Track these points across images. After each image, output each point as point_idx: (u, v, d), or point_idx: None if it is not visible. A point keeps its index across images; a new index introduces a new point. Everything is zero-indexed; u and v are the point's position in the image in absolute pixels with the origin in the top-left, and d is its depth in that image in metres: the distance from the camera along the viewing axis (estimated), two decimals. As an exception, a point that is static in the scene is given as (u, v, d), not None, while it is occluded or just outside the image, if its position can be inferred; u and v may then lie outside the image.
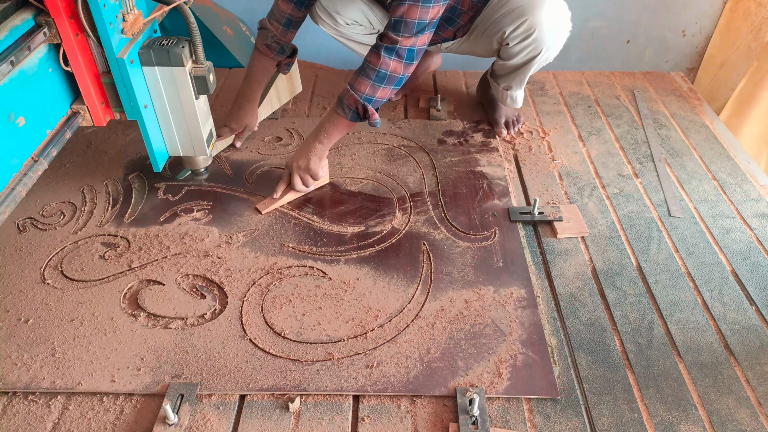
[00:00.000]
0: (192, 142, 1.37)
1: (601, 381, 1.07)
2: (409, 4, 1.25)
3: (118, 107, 1.23)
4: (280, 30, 1.54)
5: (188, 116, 1.30)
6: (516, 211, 1.44)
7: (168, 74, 1.22)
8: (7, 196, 0.99)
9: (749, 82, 2.02)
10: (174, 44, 1.20)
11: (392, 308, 1.20)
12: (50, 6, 1.02)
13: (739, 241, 1.37)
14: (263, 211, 1.43)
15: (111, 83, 1.19)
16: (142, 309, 1.19)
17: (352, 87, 1.34)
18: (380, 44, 1.31)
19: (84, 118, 1.21)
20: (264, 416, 1.01)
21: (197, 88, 1.26)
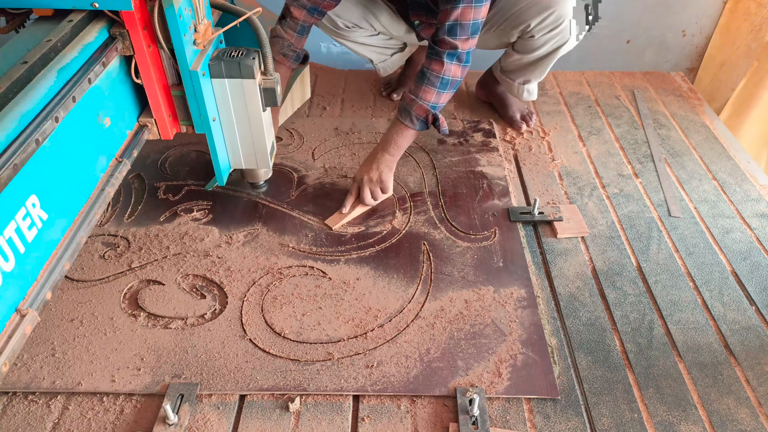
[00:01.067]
0: (255, 155, 1.31)
1: (601, 381, 1.07)
2: (463, 6, 1.25)
3: (186, 120, 1.19)
4: (295, 37, 1.51)
5: (254, 129, 1.25)
6: (516, 211, 1.44)
7: (237, 86, 1.17)
8: (97, 198, 0.98)
9: (749, 82, 2.02)
10: (244, 56, 1.15)
11: (392, 308, 1.20)
12: (125, 17, 0.98)
13: (739, 241, 1.37)
14: (333, 227, 1.39)
15: (181, 96, 1.14)
16: (142, 309, 1.19)
17: (418, 96, 1.33)
18: (440, 50, 1.30)
19: (152, 132, 1.16)
20: (264, 416, 1.01)
21: (266, 100, 1.21)
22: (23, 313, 0.78)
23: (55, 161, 0.87)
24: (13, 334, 0.76)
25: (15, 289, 0.77)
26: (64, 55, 0.91)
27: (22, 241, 0.78)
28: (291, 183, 1.54)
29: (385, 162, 1.41)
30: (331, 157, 1.64)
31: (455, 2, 1.26)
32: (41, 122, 0.82)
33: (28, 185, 0.80)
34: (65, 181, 0.91)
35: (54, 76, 0.88)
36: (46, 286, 0.83)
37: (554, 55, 1.56)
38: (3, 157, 0.74)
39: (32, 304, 0.80)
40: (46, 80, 0.86)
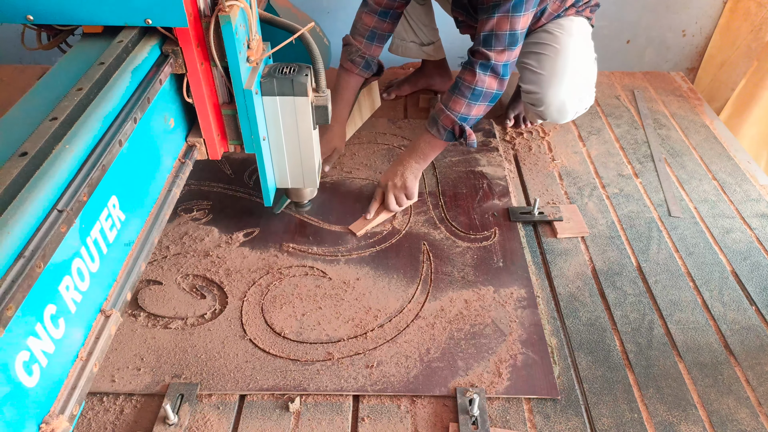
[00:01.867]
0: (303, 174, 1.27)
1: (601, 381, 1.07)
2: (498, 16, 1.22)
3: (235, 139, 1.15)
4: (364, 43, 1.50)
5: (303, 147, 1.21)
6: (516, 211, 1.44)
7: (289, 104, 1.13)
8: (165, 198, 0.98)
9: (749, 82, 2.02)
10: (297, 73, 1.10)
11: (392, 308, 1.20)
12: (179, 34, 0.95)
13: (739, 241, 1.37)
14: (358, 233, 1.38)
15: (231, 115, 1.11)
16: (142, 309, 1.19)
17: (447, 107, 1.31)
18: (474, 60, 1.28)
19: (200, 152, 1.13)
20: (264, 416, 1.01)
21: (317, 118, 1.17)
22: (107, 314, 0.78)
23: (131, 162, 0.87)
24: (100, 335, 0.76)
25: (99, 290, 0.78)
26: (135, 56, 0.90)
27: (105, 241, 0.79)
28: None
29: (410, 169, 1.40)
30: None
31: (491, 11, 1.24)
32: (122, 123, 0.82)
33: (110, 186, 0.81)
34: (139, 182, 0.91)
35: (129, 76, 0.87)
36: (126, 287, 0.83)
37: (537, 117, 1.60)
38: (92, 158, 0.74)
39: (114, 305, 0.80)
40: (122, 81, 0.85)
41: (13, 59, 2.25)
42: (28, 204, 0.63)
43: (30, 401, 0.63)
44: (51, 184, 0.67)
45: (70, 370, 0.71)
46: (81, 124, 0.75)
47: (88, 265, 0.74)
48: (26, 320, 0.62)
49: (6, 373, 0.59)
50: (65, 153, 0.71)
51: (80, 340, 0.73)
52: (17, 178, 0.63)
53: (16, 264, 0.59)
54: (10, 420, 0.60)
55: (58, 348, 0.68)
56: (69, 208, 0.67)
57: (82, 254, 0.73)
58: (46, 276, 0.65)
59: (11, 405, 0.60)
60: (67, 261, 0.70)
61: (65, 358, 0.70)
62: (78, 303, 0.72)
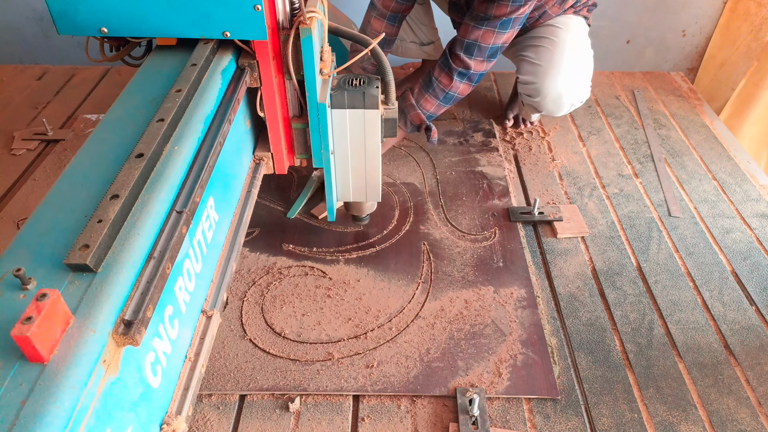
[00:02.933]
0: (366, 187, 1.23)
1: (601, 381, 1.07)
2: (485, 29, 1.25)
3: (303, 153, 1.13)
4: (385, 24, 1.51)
5: (370, 160, 1.17)
6: (516, 211, 1.44)
7: (359, 117, 1.09)
8: (246, 199, 0.98)
9: (749, 82, 2.02)
10: (367, 84, 1.07)
11: (392, 308, 1.20)
12: (257, 47, 0.93)
13: (739, 241, 1.37)
14: (320, 216, 1.41)
15: (302, 129, 1.09)
16: (142, 309, 1.19)
17: (418, 104, 1.34)
18: (453, 66, 1.30)
19: (267, 166, 1.11)
20: (264, 416, 1.01)
21: (385, 130, 1.14)
22: (209, 315, 0.79)
23: (223, 162, 0.87)
24: (205, 335, 0.76)
25: (201, 290, 0.78)
26: (221, 58, 0.90)
27: (205, 242, 0.79)
28: (291, 183, 1.54)
29: None
30: (331, 157, 1.64)
31: (480, 22, 1.25)
32: (220, 124, 0.82)
33: (209, 187, 0.80)
34: (227, 183, 0.90)
35: (219, 78, 0.86)
36: (222, 288, 0.83)
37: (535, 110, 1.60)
38: (199, 160, 0.74)
39: (214, 305, 0.80)
40: (214, 82, 0.85)
41: (13, 59, 2.25)
42: (151, 205, 0.63)
43: (155, 402, 0.64)
44: (167, 185, 0.67)
45: (181, 371, 0.71)
46: (184, 125, 0.76)
47: (194, 266, 0.75)
48: (154, 321, 0.62)
49: (140, 373, 0.60)
50: (175, 154, 0.71)
51: (188, 341, 0.74)
52: (138, 180, 0.64)
53: (148, 265, 0.60)
54: (142, 420, 0.60)
55: (174, 349, 0.68)
56: (187, 209, 0.68)
57: (190, 255, 0.73)
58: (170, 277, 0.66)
59: (144, 406, 0.60)
60: (180, 262, 0.70)
61: (178, 359, 0.70)
62: (187, 304, 0.72)
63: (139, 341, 0.54)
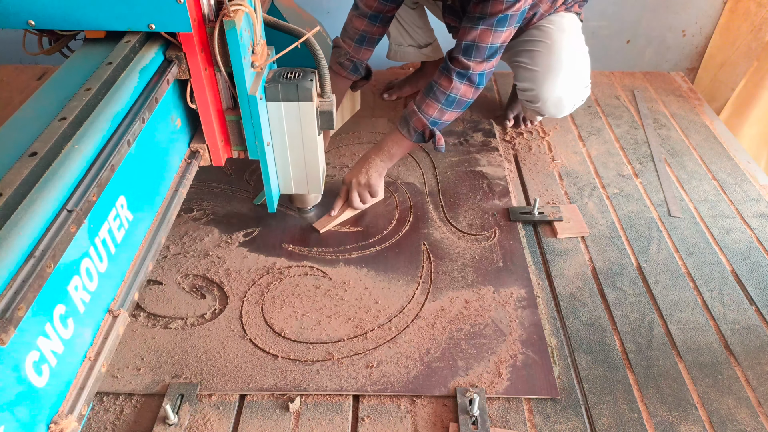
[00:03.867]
0: (307, 180, 1.26)
1: (601, 381, 1.07)
2: (482, 28, 1.24)
3: (239, 146, 1.14)
4: (353, 47, 1.51)
5: (308, 153, 1.20)
6: (516, 211, 1.44)
7: (294, 110, 1.12)
8: (172, 198, 0.98)
9: (749, 82, 2.02)
10: (302, 77, 1.09)
11: (392, 308, 1.20)
12: (183, 40, 0.93)
13: (739, 241, 1.37)
14: (321, 230, 1.38)
15: (235, 121, 1.09)
16: (142, 309, 1.19)
17: (420, 109, 1.32)
18: (451, 68, 1.29)
19: (203, 158, 1.12)
20: (264, 416, 1.01)
21: (322, 123, 1.16)
22: (115, 314, 0.79)
23: (139, 162, 0.87)
24: (109, 334, 0.76)
25: (107, 290, 0.78)
26: (142, 56, 0.90)
27: (113, 242, 0.79)
28: (291, 183, 1.54)
29: (375, 167, 1.40)
30: (331, 157, 1.64)
31: (476, 22, 1.25)
32: (131, 123, 0.82)
33: (118, 186, 0.81)
34: (146, 182, 0.91)
35: (137, 76, 0.87)
36: (133, 287, 0.83)
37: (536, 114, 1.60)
38: (101, 158, 0.74)
39: (122, 305, 0.80)
40: (130, 81, 0.85)
41: (13, 59, 2.25)
42: (38, 204, 0.63)
43: (40, 401, 0.63)
44: (61, 184, 0.67)
45: (79, 370, 0.71)
46: (90, 123, 0.75)
47: (96, 265, 0.74)
48: (36, 320, 0.62)
49: (17, 373, 0.59)
50: (74, 153, 0.70)
51: (89, 340, 0.73)
52: (27, 178, 0.63)
53: (26, 264, 0.59)
54: (21, 420, 0.60)
55: (67, 348, 0.68)
56: (78, 208, 0.67)
57: (91, 254, 0.73)
58: (56, 276, 0.65)
59: (23, 405, 0.60)
60: (76, 261, 0.70)
61: (74, 359, 0.70)
62: (86, 303, 0.72)
63: (5, 340, 0.53)
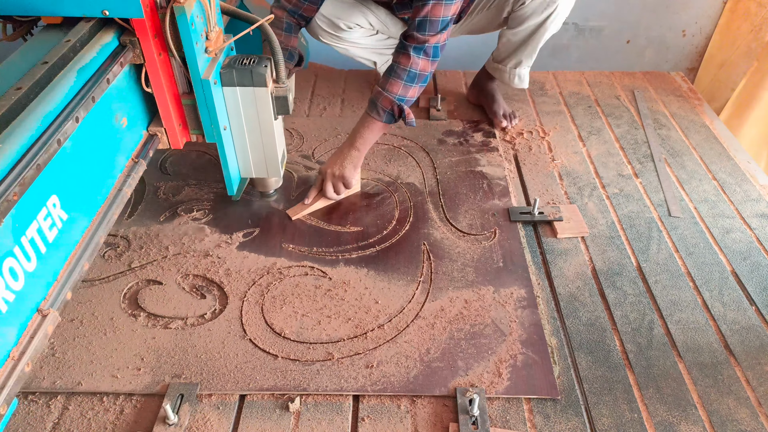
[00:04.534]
0: (266, 164, 1.31)
1: (601, 381, 1.07)
2: (433, 3, 1.27)
3: (196, 129, 1.18)
4: (283, 36, 1.53)
5: (265, 137, 1.24)
6: (516, 211, 1.44)
7: (249, 95, 1.16)
8: (115, 198, 0.99)
9: (749, 82, 2.02)
10: (256, 64, 1.13)
11: (392, 308, 1.20)
12: (136, 25, 0.97)
13: (739, 241, 1.37)
14: (294, 217, 1.41)
15: (191, 105, 1.13)
16: (142, 309, 1.19)
17: (385, 89, 1.35)
18: (407, 44, 1.32)
19: (161, 141, 1.15)
20: (264, 416, 1.01)
21: (277, 108, 1.20)
22: (44, 314, 0.78)
23: (75, 161, 0.87)
24: (36, 334, 0.76)
25: (36, 289, 0.78)
26: (83, 55, 0.90)
27: (44, 241, 0.79)
28: (291, 183, 1.54)
29: (350, 158, 1.42)
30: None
31: None
32: (62, 122, 0.82)
33: (50, 185, 0.80)
34: (84, 182, 0.91)
35: (74, 76, 0.87)
36: (66, 287, 0.83)
37: (543, 28, 1.56)
38: (26, 158, 0.74)
39: (53, 305, 0.80)
40: (66, 80, 0.86)
41: None
42: None
43: None
44: None
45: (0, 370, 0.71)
46: (18, 123, 0.75)
47: (23, 265, 0.74)
48: None
49: None
50: None
51: (13, 340, 0.73)
52: None
53: None
54: None
55: None
56: None
57: (16, 253, 0.73)
58: None
59: None
60: None
61: None
62: (10, 303, 0.71)
63: None
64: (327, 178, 1.43)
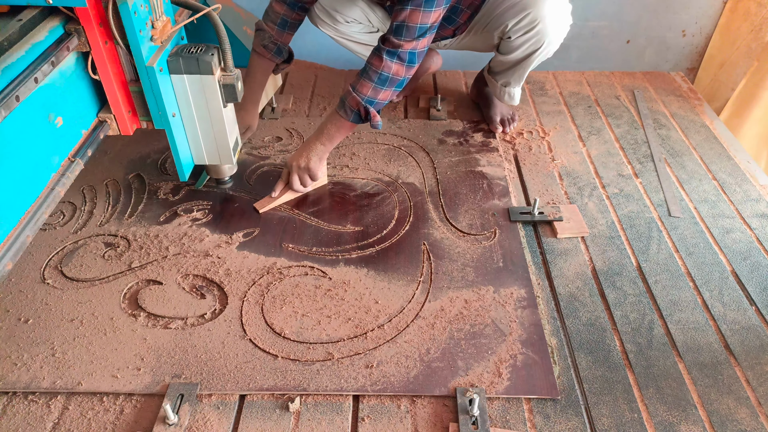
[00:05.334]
0: (218, 151, 1.34)
1: (601, 381, 1.07)
2: (411, 8, 1.26)
3: (145, 116, 1.21)
4: (276, 30, 1.55)
5: (215, 124, 1.28)
6: (516, 211, 1.44)
7: (197, 82, 1.20)
8: (46, 197, 0.99)
9: (749, 82, 2.02)
10: (203, 52, 1.17)
11: (392, 308, 1.20)
12: (80, 14, 0.99)
13: (739, 241, 1.37)
14: (261, 210, 1.44)
15: (139, 92, 1.16)
16: (142, 309, 1.19)
17: (354, 89, 1.34)
18: (382, 47, 1.32)
19: (111, 127, 1.18)
20: (264, 416, 1.01)
21: (225, 96, 1.24)
22: None
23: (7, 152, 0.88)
24: None
25: None
26: (9, 54, 0.91)
27: None
28: (291, 183, 1.54)
29: (315, 151, 1.44)
30: (330, 157, 1.64)
31: (405, 3, 1.27)
32: None
33: None
34: (10, 181, 0.91)
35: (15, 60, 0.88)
36: None
37: (531, 59, 1.56)
38: None
39: None
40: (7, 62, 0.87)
41: None
42: None
43: None
44: None
45: None
46: None
47: None
48: None
49: None
50: None
51: None
52: None
53: None
54: None
55: None
56: None
57: None
58: None
59: None
60: None
61: None
62: None
63: None
64: (293, 170, 1.46)
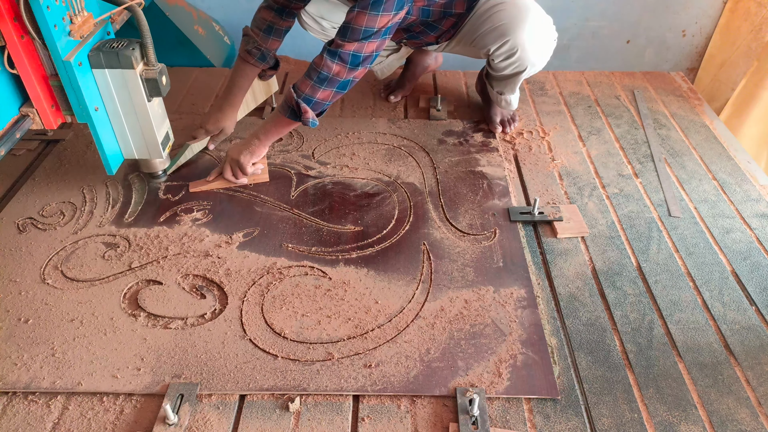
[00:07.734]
0: (147, 146, 1.36)
1: (601, 381, 1.07)
2: (358, 10, 1.26)
3: (68, 110, 1.22)
4: (261, 36, 1.55)
5: (141, 119, 1.29)
6: (516, 211, 1.44)
7: (119, 77, 1.21)
8: None
9: (749, 82, 2.02)
10: (124, 46, 1.18)
11: (392, 308, 1.20)
12: None
13: (739, 241, 1.37)
14: (192, 189, 1.49)
15: (59, 86, 1.17)
16: (142, 309, 1.19)
17: (295, 86, 1.35)
18: (326, 47, 1.32)
19: (34, 121, 1.20)
20: (264, 416, 1.01)
21: (149, 90, 1.25)
22: None
23: None
24: None
25: None
26: None
27: None
28: (290, 183, 1.54)
29: (249, 146, 1.47)
30: (331, 157, 1.64)
31: (355, 5, 1.28)
32: None
33: None
34: None
35: None
36: None
37: (519, 77, 1.58)
38: None
39: None
40: None
41: None
42: None
43: None
44: None
45: None
46: None
47: None
48: None
49: None
50: None
51: None
52: None
53: None
54: None
55: None
56: None
57: None
58: None
59: None
60: None
61: None
62: None
63: None
64: (227, 160, 1.51)
